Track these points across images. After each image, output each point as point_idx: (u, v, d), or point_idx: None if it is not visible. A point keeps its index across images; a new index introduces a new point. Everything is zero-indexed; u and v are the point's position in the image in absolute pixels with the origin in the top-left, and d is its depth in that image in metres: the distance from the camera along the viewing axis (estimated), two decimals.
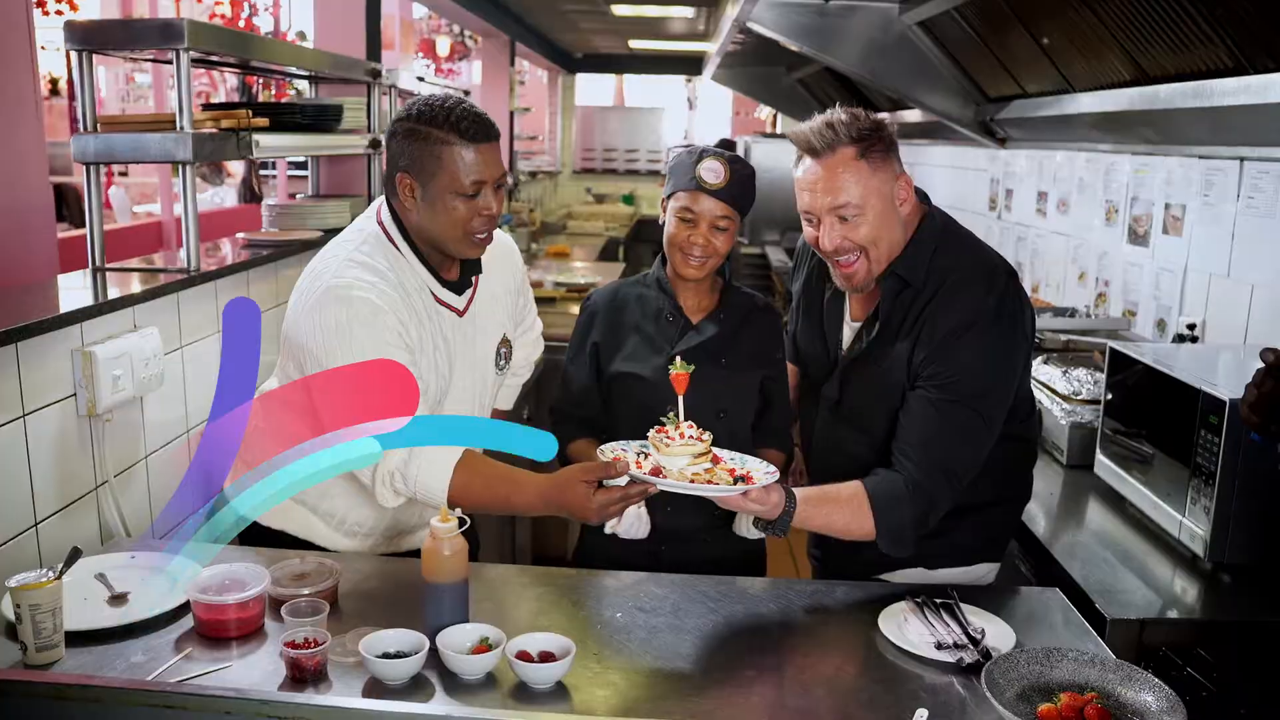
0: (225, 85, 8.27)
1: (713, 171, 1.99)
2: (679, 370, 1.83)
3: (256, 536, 2.07)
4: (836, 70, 4.74)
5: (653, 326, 2.12)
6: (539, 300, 5.00)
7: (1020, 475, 2.07)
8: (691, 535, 2.10)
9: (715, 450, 1.87)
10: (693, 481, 1.72)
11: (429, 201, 1.86)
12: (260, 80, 6.48)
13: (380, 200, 1.97)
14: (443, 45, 9.90)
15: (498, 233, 2.15)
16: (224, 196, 8.20)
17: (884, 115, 1.81)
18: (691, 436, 1.75)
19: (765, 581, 1.97)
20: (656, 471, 1.74)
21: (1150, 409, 2.26)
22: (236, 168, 8.24)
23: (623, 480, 1.73)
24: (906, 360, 1.90)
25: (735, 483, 1.74)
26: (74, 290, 2.39)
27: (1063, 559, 2.11)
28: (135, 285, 2.46)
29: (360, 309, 1.81)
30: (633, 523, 1.95)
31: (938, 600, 1.79)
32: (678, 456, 1.73)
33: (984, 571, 2.06)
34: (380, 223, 1.94)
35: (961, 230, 2.01)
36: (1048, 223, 4.15)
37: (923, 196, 1.99)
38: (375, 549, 2.09)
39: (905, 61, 4.08)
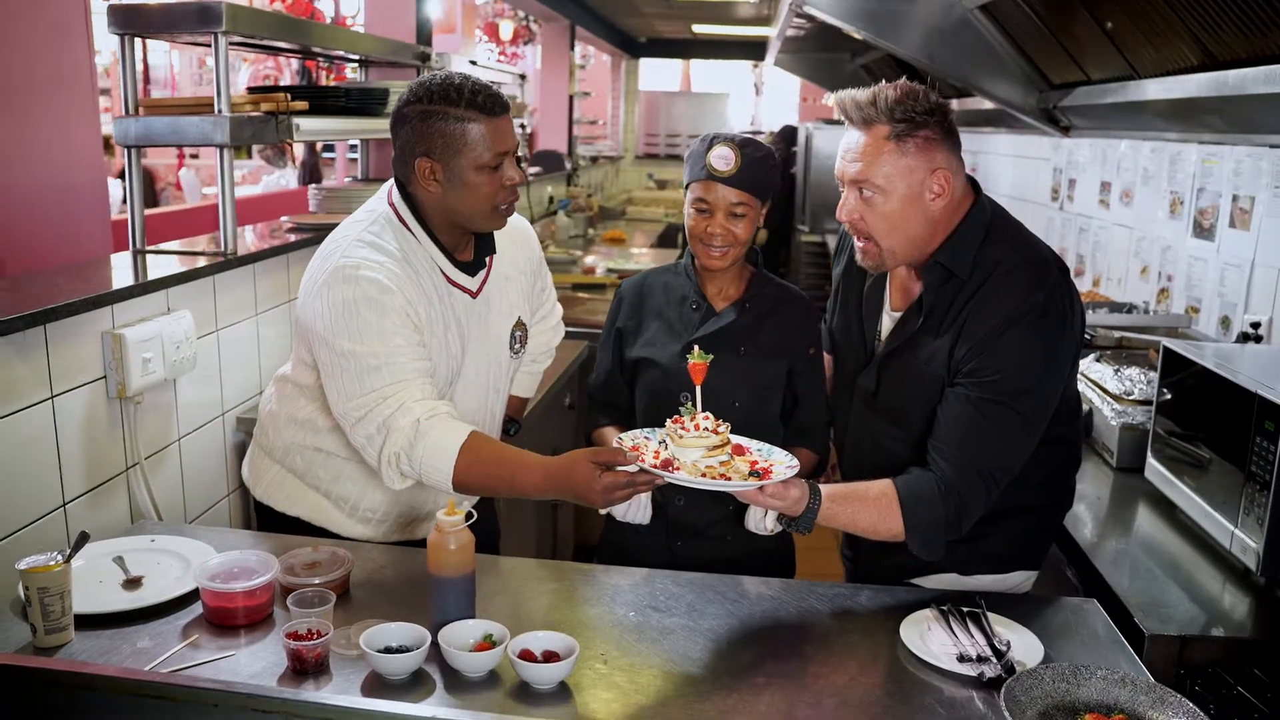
0: (290, 69, 8.36)
1: (722, 158, 1.93)
2: (696, 360, 1.78)
3: (270, 521, 2.07)
4: (898, 57, 4.62)
5: (675, 313, 2.08)
6: (590, 287, 5.04)
7: (1062, 480, 1.98)
8: (706, 530, 2.05)
9: (740, 440, 1.81)
10: (704, 475, 1.66)
11: (453, 181, 1.84)
12: (325, 66, 6.51)
13: (390, 182, 1.94)
14: (506, 29, 9.89)
15: (513, 215, 2.12)
16: (289, 179, 8.30)
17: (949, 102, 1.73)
18: (707, 428, 1.69)
19: (787, 583, 1.90)
20: (670, 463, 1.69)
21: (1206, 411, 2.14)
22: (300, 150, 8.33)
23: (634, 467, 1.68)
24: (947, 354, 1.81)
25: (752, 477, 1.68)
26: (115, 272, 2.41)
27: (1105, 568, 2.01)
28: (174, 268, 2.47)
29: (367, 288, 1.78)
30: (633, 508, 1.90)
31: (964, 609, 1.71)
32: (691, 449, 1.68)
33: (1020, 579, 1.98)
34: (391, 204, 1.91)
35: (1012, 221, 1.92)
36: (1110, 214, 3.99)
37: (974, 184, 1.90)
38: (389, 535, 2.07)
39: (967, 47, 3.94)
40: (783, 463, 1.76)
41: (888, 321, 1.97)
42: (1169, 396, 2.30)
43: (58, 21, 2.45)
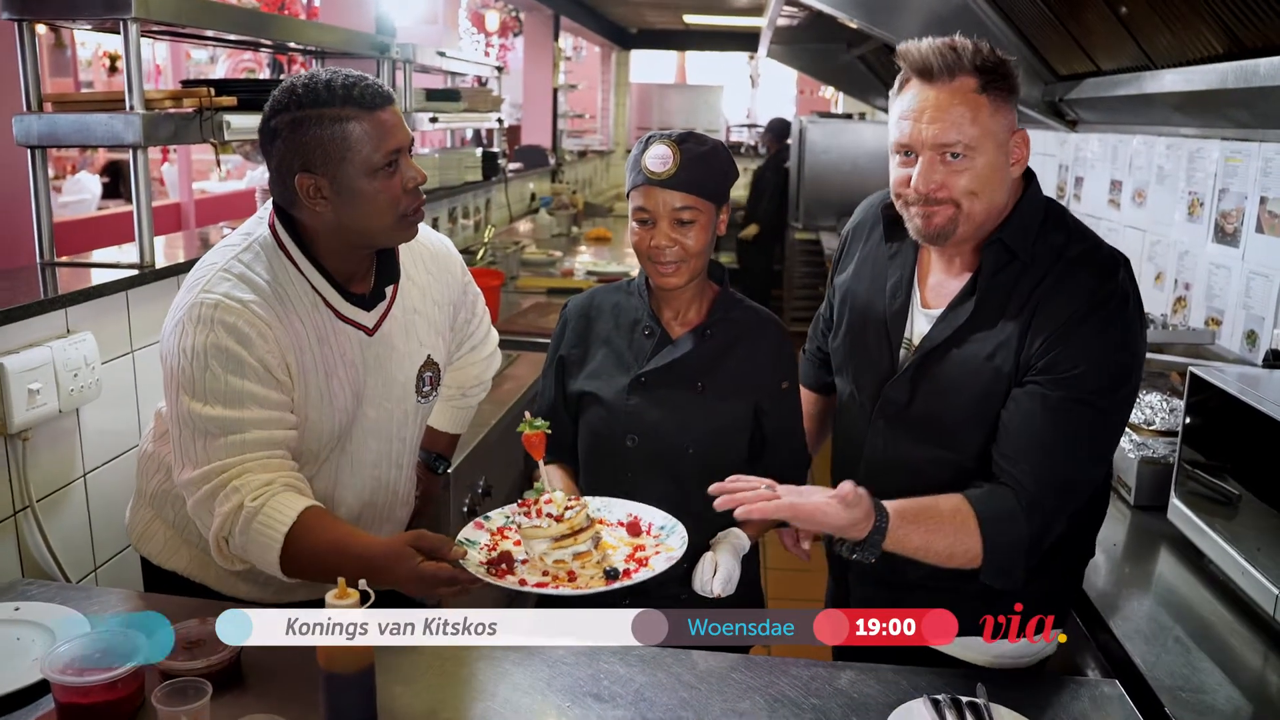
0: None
1: (659, 158, 1.67)
2: (528, 430, 1.53)
3: (152, 578, 1.80)
4: (895, 47, 4.35)
5: (625, 340, 1.80)
6: (568, 292, 4.74)
7: (1089, 525, 1.72)
8: (654, 590, 1.77)
9: (640, 511, 1.60)
10: (545, 575, 1.42)
11: (344, 195, 1.56)
12: (303, 61, 6.26)
13: (269, 204, 1.67)
14: (492, 20, 9.60)
15: (434, 234, 1.84)
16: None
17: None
18: (550, 515, 1.43)
19: (754, 660, 1.62)
20: (510, 557, 1.46)
21: (1237, 442, 1.88)
22: None
23: (475, 560, 1.46)
24: (1016, 347, 1.56)
25: (608, 578, 1.43)
26: (6, 290, 2.14)
27: (1123, 630, 1.73)
28: (83, 284, 2.21)
29: (221, 336, 1.51)
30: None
31: (963, 700, 1.44)
32: (536, 540, 1.42)
33: (1043, 644, 1.71)
34: (272, 227, 1.63)
35: (1067, 211, 1.69)
36: (1121, 215, 3.72)
37: (1026, 171, 1.66)
38: (282, 596, 1.78)
39: (967, 36, 3.68)
40: (671, 549, 1.51)
41: (922, 322, 1.69)
42: (1194, 426, 2.02)
43: None
